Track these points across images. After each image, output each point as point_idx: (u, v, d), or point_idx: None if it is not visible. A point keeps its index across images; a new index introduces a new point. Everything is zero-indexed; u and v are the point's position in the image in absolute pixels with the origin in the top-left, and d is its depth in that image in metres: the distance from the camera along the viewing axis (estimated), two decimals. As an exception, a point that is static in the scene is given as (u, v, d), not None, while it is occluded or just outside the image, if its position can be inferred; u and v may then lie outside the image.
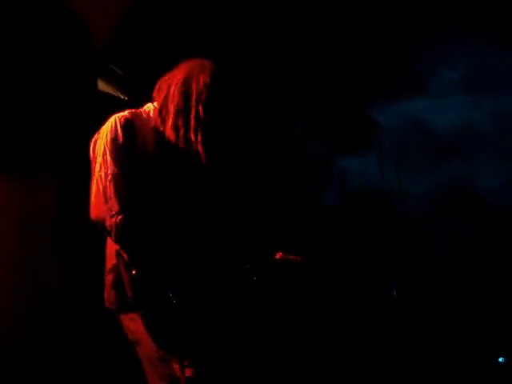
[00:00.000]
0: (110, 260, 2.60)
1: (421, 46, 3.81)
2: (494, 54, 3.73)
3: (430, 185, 3.80)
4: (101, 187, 2.53)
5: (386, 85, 3.86)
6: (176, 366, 2.50)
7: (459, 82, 3.81)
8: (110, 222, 2.49)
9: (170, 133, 2.57)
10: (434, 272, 3.81)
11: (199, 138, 2.56)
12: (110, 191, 2.51)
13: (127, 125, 2.57)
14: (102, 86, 3.93)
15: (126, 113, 2.62)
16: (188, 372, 2.48)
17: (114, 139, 2.55)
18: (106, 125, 2.60)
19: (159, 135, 2.59)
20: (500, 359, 3.48)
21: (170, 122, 2.58)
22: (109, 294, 2.61)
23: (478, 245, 3.79)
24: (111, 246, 2.59)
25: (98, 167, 2.56)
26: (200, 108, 2.57)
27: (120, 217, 2.48)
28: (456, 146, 3.81)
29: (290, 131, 3.88)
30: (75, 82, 3.73)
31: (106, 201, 2.51)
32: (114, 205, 2.49)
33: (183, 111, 2.57)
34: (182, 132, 2.57)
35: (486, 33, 3.74)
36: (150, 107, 2.67)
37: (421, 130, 3.84)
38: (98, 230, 2.58)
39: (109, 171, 2.52)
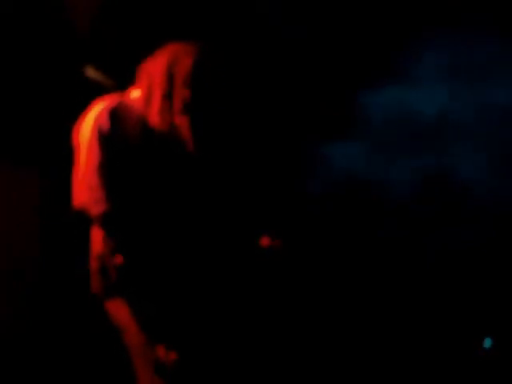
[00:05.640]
0: (96, 247, 2.59)
1: (406, 35, 3.81)
2: (479, 44, 3.73)
3: (411, 172, 3.80)
4: (85, 176, 2.51)
5: (370, 72, 3.86)
6: (161, 351, 2.51)
7: (444, 70, 3.81)
8: (95, 211, 2.49)
9: (155, 118, 2.55)
10: (417, 261, 3.82)
11: (185, 123, 2.55)
12: (95, 179, 2.49)
13: (112, 112, 2.55)
14: (88, 71, 3.91)
15: (110, 99, 2.60)
16: (173, 356, 2.50)
17: (99, 127, 2.53)
18: (90, 112, 2.58)
19: (144, 121, 2.57)
20: (487, 343, 3.49)
21: (154, 107, 2.55)
22: (94, 281, 2.62)
23: (458, 234, 3.79)
24: (96, 233, 2.58)
25: (82, 155, 2.55)
26: (185, 92, 2.55)
27: (104, 206, 2.48)
28: (438, 133, 3.81)
29: (276, 119, 3.87)
30: (60, 70, 3.72)
31: (91, 189, 2.49)
32: (99, 194, 2.48)
33: (168, 96, 2.55)
34: (167, 117, 2.55)
35: (469, 20, 3.74)
36: (134, 92, 2.65)
37: (403, 116, 3.83)
38: (84, 218, 2.58)
39: (94, 159, 2.51)
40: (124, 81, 2.81)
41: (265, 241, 2.73)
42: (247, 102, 2.88)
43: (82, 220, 2.60)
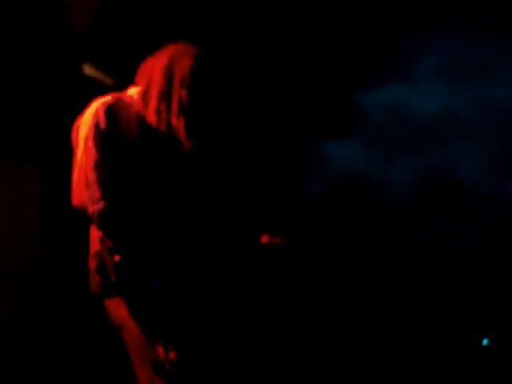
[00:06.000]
0: (94, 245, 2.59)
1: (403, 33, 3.81)
2: (477, 42, 3.73)
3: (411, 172, 3.80)
4: (82, 174, 2.51)
5: (370, 71, 3.86)
6: (160, 350, 2.50)
7: (444, 70, 3.81)
8: (92, 209, 2.48)
9: (152, 118, 2.55)
10: (417, 261, 3.82)
11: (181, 123, 2.54)
12: (92, 178, 2.48)
13: (110, 110, 2.54)
14: (88, 70, 3.91)
15: (108, 97, 2.59)
16: (172, 355, 2.49)
17: (97, 125, 2.52)
18: (88, 110, 2.58)
19: (142, 120, 2.57)
20: (484, 342, 3.50)
21: (152, 106, 2.55)
22: (93, 280, 2.61)
23: (457, 234, 3.79)
24: (94, 232, 2.58)
25: (79, 153, 2.55)
26: (183, 92, 2.55)
27: (101, 204, 2.47)
28: (437, 133, 3.82)
29: (276, 119, 3.87)
30: (60, 69, 3.72)
31: (88, 187, 2.49)
32: (96, 192, 2.47)
33: (166, 95, 2.55)
34: (164, 117, 2.54)
35: (469, 20, 3.74)
36: (133, 91, 2.64)
37: (401, 117, 3.84)
38: (83, 216, 2.57)
39: (91, 157, 2.50)
40: (123, 80, 2.81)
41: (264, 239, 2.73)
42: (246, 103, 2.88)
43: (82, 219, 2.60)
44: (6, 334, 3.55)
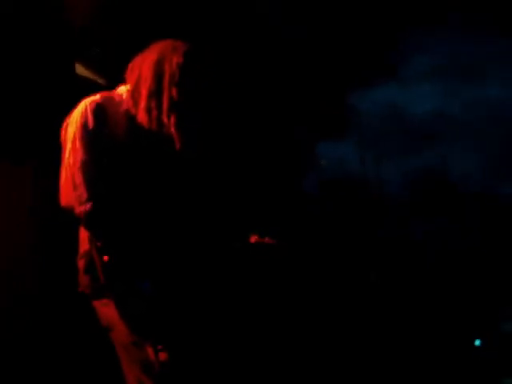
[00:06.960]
0: (83, 245, 2.59)
1: (402, 33, 3.80)
2: (477, 42, 3.72)
3: (404, 172, 3.79)
4: (70, 174, 2.50)
5: (369, 72, 3.85)
6: (150, 351, 2.49)
7: (435, 69, 3.80)
8: (79, 210, 2.47)
9: (142, 116, 2.53)
10: (412, 261, 3.81)
11: (172, 121, 2.53)
12: (79, 178, 2.47)
13: (98, 109, 2.53)
14: (80, 69, 3.91)
15: (97, 97, 2.58)
16: (162, 356, 2.48)
17: (84, 125, 2.51)
18: (76, 110, 2.57)
19: (131, 119, 2.55)
20: (476, 342, 3.48)
21: (142, 104, 2.53)
22: (81, 279, 2.61)
23: (452, 234, 3.78)
24: (83, 232, 2.58)
25: (67, 153, 2.53)
26: (173, 89, 2.53)
27: (89, 204, 2.46)
28: (431, 133, 3.80)
29: (270, 118, 3.86)
30: (60, 68, 3.73)
31: (75, 188, 2.47)
32: (83, 192, 2.46)
33: (156, 93, 2.53)
34: (154, 115, 2.53)
35: (462, 21, 3.73)
36: (122, 90, 2.63)
37: (397, 116, 3.83)
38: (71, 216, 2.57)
39: (78, 158, 2.49)
40: (120, 80, 2.80)
41: (254, 239, 2.71)
42: (237, 101, 2.87)
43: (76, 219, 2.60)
44: (5, 334, 3.55)
